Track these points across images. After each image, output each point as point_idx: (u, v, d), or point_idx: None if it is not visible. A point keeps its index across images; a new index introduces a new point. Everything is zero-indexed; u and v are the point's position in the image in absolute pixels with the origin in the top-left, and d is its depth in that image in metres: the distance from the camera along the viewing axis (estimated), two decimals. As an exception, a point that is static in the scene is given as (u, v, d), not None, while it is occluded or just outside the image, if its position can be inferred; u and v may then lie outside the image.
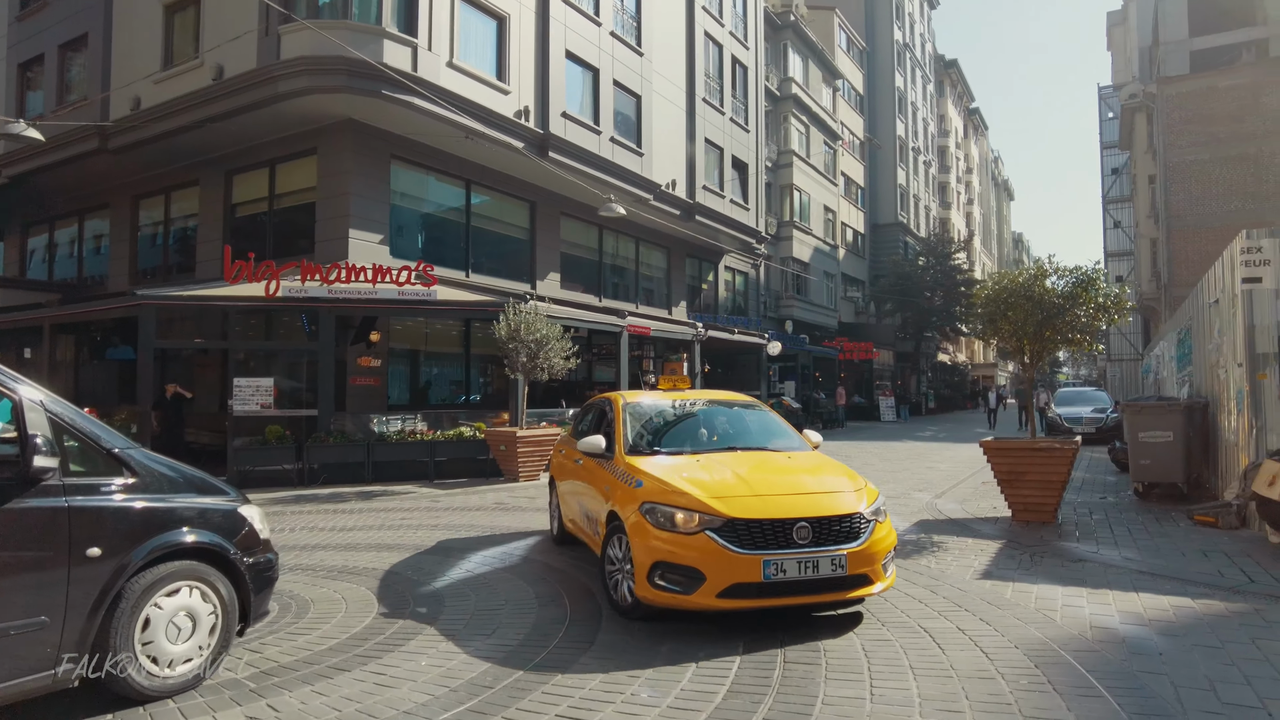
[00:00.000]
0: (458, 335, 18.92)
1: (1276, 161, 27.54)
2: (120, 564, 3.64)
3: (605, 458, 6.00)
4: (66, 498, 3.52)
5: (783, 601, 4.69)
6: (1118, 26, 45.10)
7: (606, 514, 5.46)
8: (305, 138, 15.56)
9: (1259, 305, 7.86)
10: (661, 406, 6.74)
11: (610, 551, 5.34)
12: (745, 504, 4.82)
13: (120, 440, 3.91)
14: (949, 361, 54.16)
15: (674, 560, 4.71)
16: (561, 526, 7.45)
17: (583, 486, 6.43)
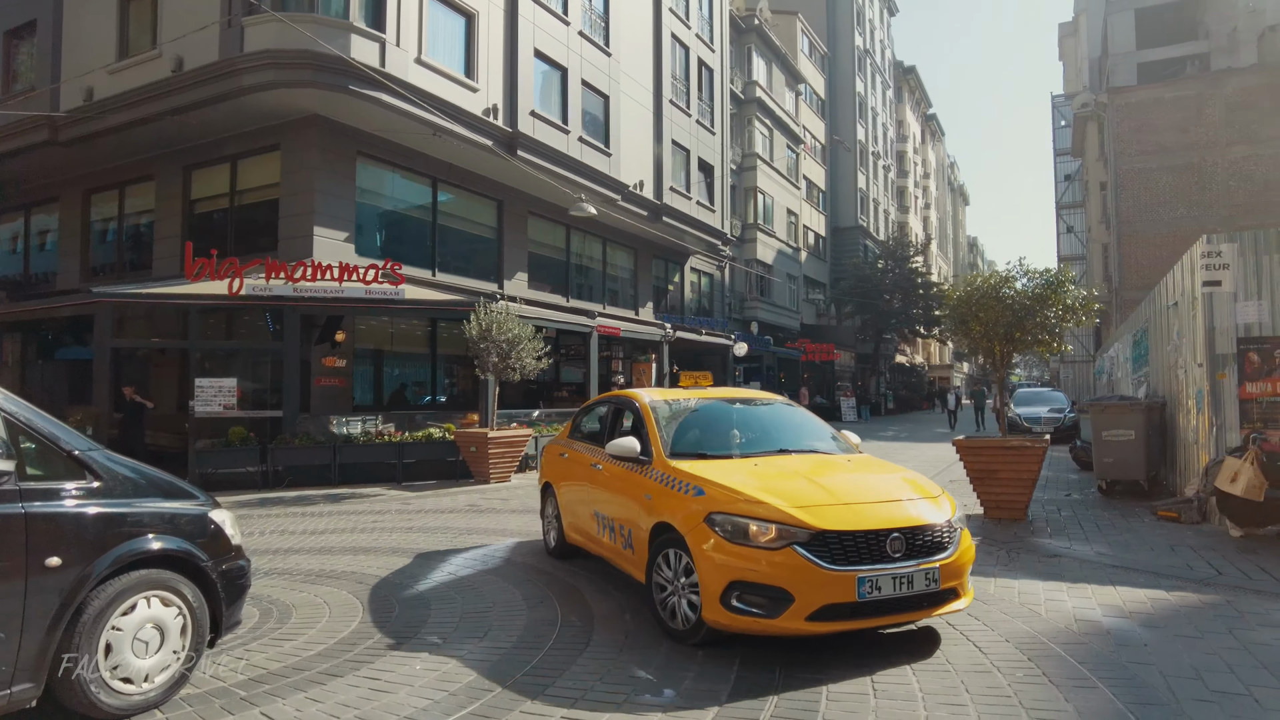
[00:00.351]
0: (423, 335, 18.67)
1: (1218, 171, 28.59)
2: (82, 574, 3.40)
3: (640, 462, 5.35)
4: (23, 504, 3.29)
5: (875, 622, 4.25)
6: (1069, 38, 46.45)
7: (652, 526, 4.88)
8: (269, 133, 15.20)
9: (1218, 307, 8.14)
10: (690, 405, 6.06)
11: (660, 568, 4.74)
12: (833, 514, 4.31)
13: (82, 442, 3.69)
14: (907, 363, 55.14)
15: (755, 579, 4.16)
16: (561, 537, 6.83)
17: (602, 494, 5.89)
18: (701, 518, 4.44)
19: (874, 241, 47.32)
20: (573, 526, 6.57)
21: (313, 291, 13.12)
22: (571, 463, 6.75)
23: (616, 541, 5.55)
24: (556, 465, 7.17)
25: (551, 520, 7.10)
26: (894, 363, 51.27)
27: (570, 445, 6.99)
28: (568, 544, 6.76)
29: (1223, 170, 28.43)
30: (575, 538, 6.57)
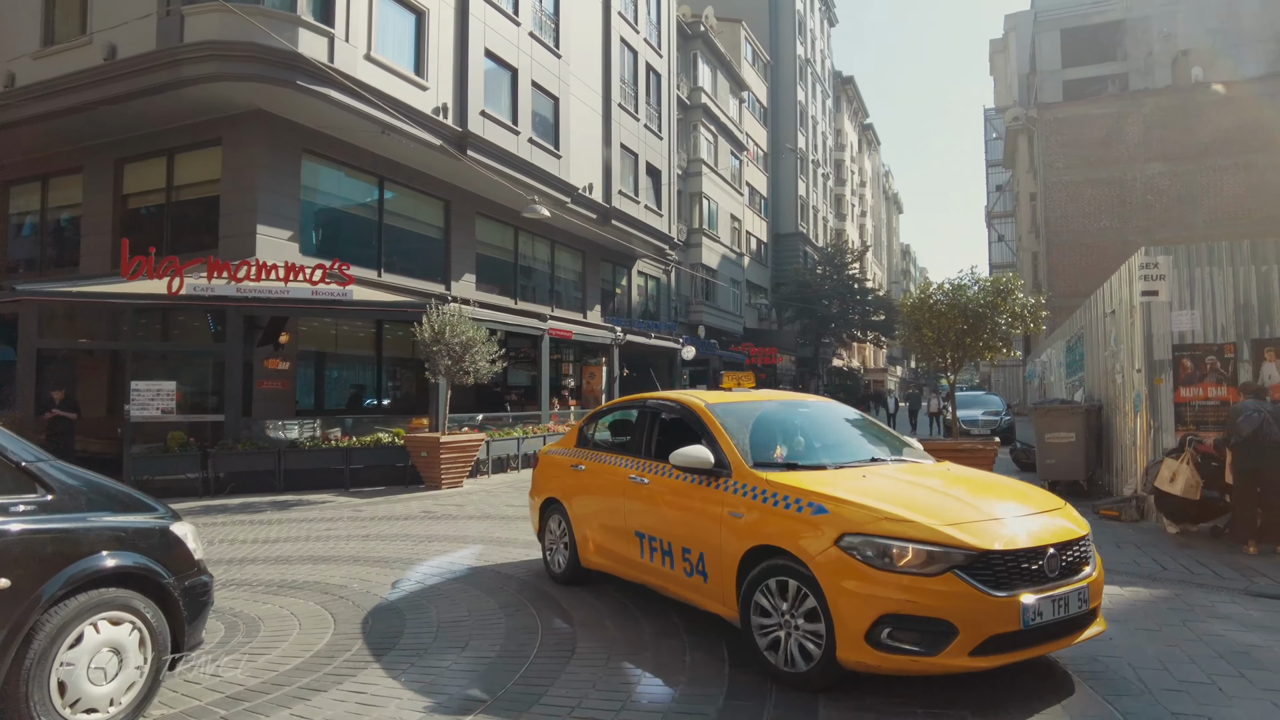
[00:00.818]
0: (367, 337, 18.25)
1: (1137, 185, 30.14)
2: (33, 597, 3.16)
3: (714, 475, 4.62)
4: None
5: (1033, 652, 3.74)
6: (999, 54, 48.34)
7: (745, 550, 4.20)
8: (209, 127, 14.64)
9: (1156, 316, 8.59)
10: (756, 409, 5.40)
11: (763, 601, 4.08)
12: (986, 531, 3.78)
13: (30, 451, 3.46)
14: (844, 366, 56.38)
15: (911, 611, 3.58)
16: (575, 560, 6.03)
17: (648, 512, 5.16)
18: (831, 540, 3.81)
19: (813, 248, 48.28)
20: (596, 548, 5.80)
21: (257, 292, 12.68)
22: (591, 476, 5.99)
23: (673, 567, 4.84)
24: (566, 479, 6.34)
25: (558, 541, 6.31)
26: (831, 366, 52.37)
27: (585, 456, 6.21)
28: (583, 568, 6.01)
29: (1141, 185, 29.97)
30: (597, 561, 5.81)
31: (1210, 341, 8.37)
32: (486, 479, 14.27)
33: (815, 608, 3.82)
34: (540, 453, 7.09)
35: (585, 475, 6.08)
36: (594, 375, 21.34)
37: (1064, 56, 38.54)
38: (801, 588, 3.91)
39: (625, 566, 5.50)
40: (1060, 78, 38.12)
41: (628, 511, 5.40)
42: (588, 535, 5.90)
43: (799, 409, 5.71)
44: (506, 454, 15.30)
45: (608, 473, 5.77)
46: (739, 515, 4.34)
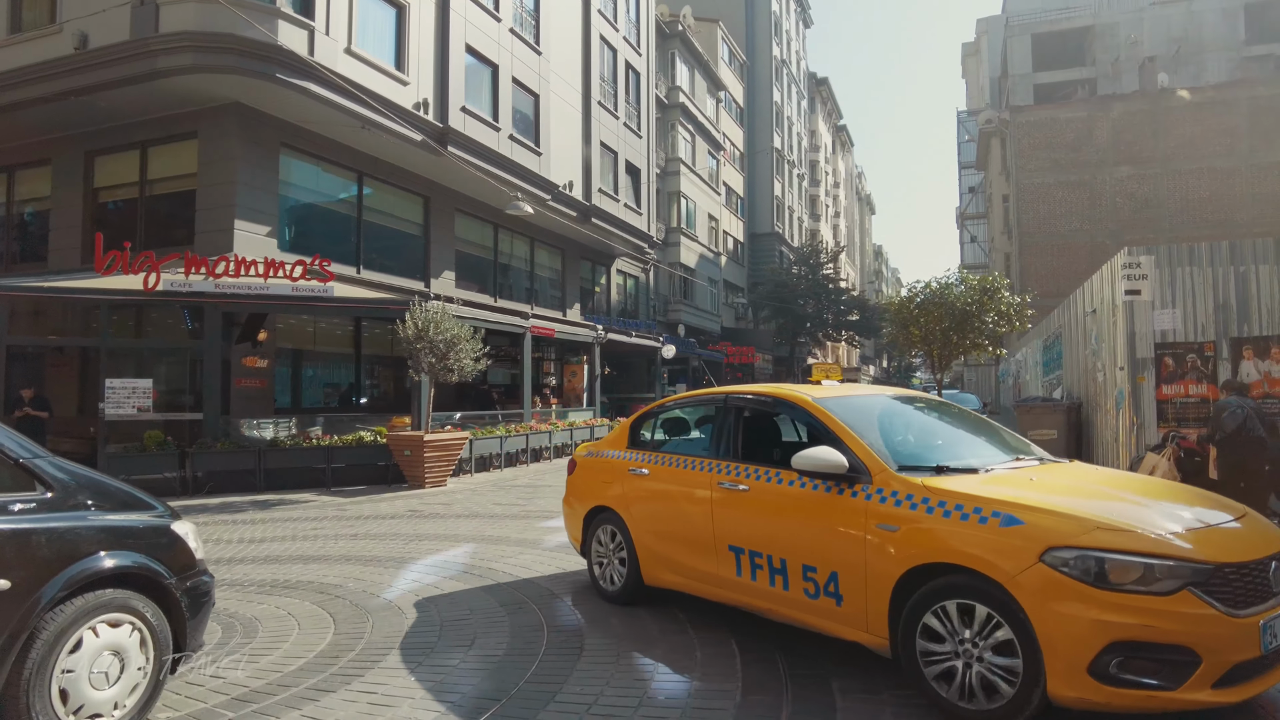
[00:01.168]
0: (344, 335, 18.03)
1: (1106, 188, 30.78)
2: (34, 599, 3.04)
3: (846, 480, 4.01)
4: None
5: (1270, 682, 3.27)
6: (971, 57, 49.07)
7: (904, 570, 3.64)
8: (184, 119, 14.34)
9: (1139, 315, 8.76)
10: (876, 405, 4.86)
11: (935, 626, 3.52)
12: (1209, 540, 3.35)
13: (27, 447, 3.35)
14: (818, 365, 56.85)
15: (1147, 638, 3.09)
16: (637, 576, 5.35)
17: (751, 522, 4.51)
18: (1034, 556, 3.27)
19: (789, 248, 48.61)
20: (667, 564, 5.12)
21: (236, 288, 12.45)
22: (658, 481, 5.30)
23: (787, 587, 4.21)
24: (621, 484, 5.58)
25: (611, 555, 5.64)
26: (806, 365, 52.76)
27: (646, 459, 5.50)
28: (646, 585, 5.34)
29: (1110, 188, 30.61)
30: (669, 579, 5.13)
31: (1191, 340, 8.56)
32: (470, 478, 14.16)
33: (1010, 637, 3.30)
34: (578, 456, 6.33)
35: (650, 480, 5.36)
36: (575, 374, 21.28)
37: (1035, 61, 39.21)
38: (992, 613, 3.36)
39: (711, 585, 4.80)
40: (1031, 81, 38.78)
41: (718, 522, 4.71)
42: (655, 548, 5.22)
43: (915, 403, 5.18)
44: (490, 453, 15.19)
45: (684, 478, 5.09)
46: (891, 528, 3.75)
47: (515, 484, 13.28)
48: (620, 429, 6.09)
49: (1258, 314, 8.43)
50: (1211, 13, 37.63)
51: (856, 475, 4.01)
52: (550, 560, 7.04)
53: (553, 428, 17.46)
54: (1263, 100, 29.59)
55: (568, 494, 6.31)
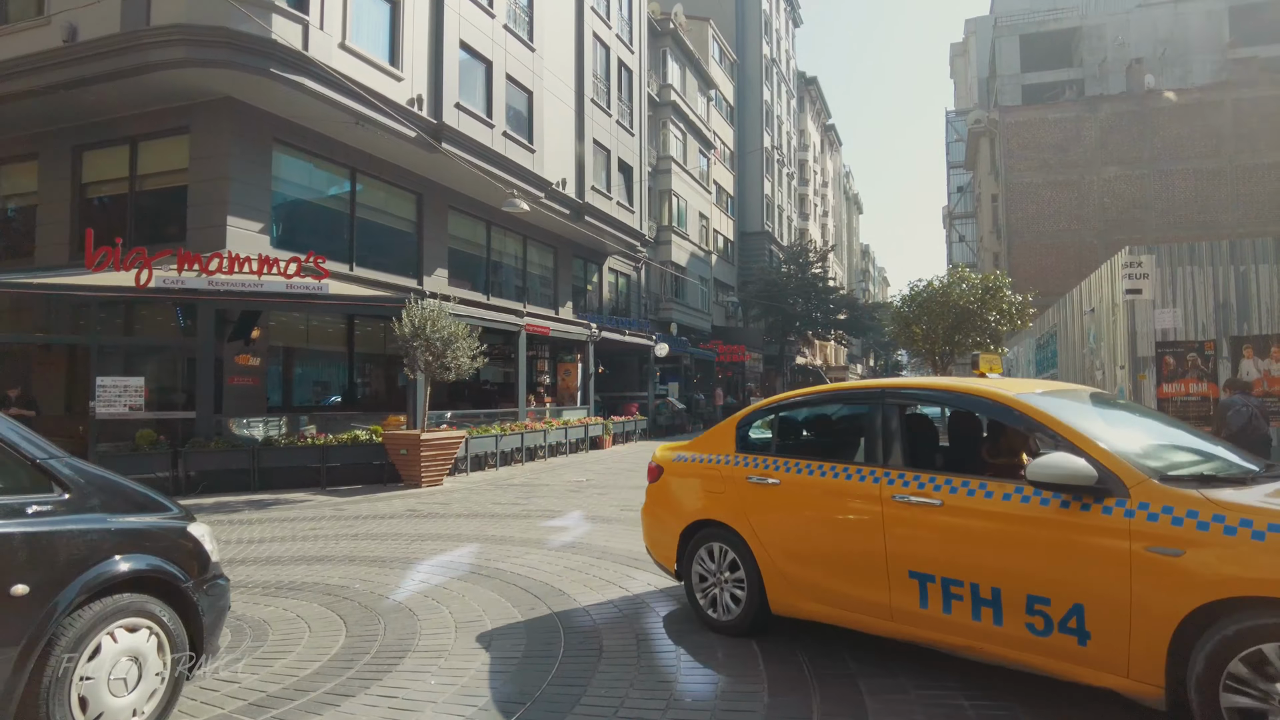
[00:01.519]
0: (336, 333, 17.89)
1: (1094, 189, 31.01)
2: (52, 603, 2.95)
3: (1094, 494, 3.34)
4: None
5: None
6: (959, 57, 49.34)
7: (1195, 604, 3.01)
8: (175, 114, 14.15)
9: (1140, 314, 8.80)
10: (1085, 403, 4.19)
11: (1247, 674, 2.90)
12: None
13: (44, 447, 3.25)
14: (807, 364, 57.02)
15: None
16: (760, 601, 4.60)
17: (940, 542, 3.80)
18: None
19: (778, 247, 48.70)
20: (810, 591, 4.38)
21: (230, 285, 12.29)
22: (794, 492, 4.53)
23: (1000, 621, 3.56)
24: (737, 495, 4.83)
25: (723, 580, 4.84)
26: (794, 364, 52.92)
27: (771, 465, 4.74)
28: (774, 614, 4.63)
29: (1097, 188, 30.84)
30: (812, 608, 4.40)
31: (1191, 339, 8.62)
32: (466, 477, 14.06)
33: None
34: (663, 460, 5.55)
35: (782, 491, 4.58)
36: (569, 372, 21.20)
37: (1023, 61, 39.46)
38: None
39: (879, 618, 4.05)
40: (1019, 82, 39.02)
41: (893, 542, 3.97)
42: (791, 572, 4.46)
43: (1117, 402, 4.53)
44: (485, 451, 15.10)
45: (836, 489, 4.30)
46: (1173, 552, 3.09)
47: (512, 483, 13.20)
48: (721, 430, 5.34)
49: (1258, 313, 8.50)
50: (1197, 15, 38.00)
51: (1107, 488, 3.35)
52: (557, 560, 6.99)
53: (547, 426, 17.38)
54: (1247, 102, 29.90)
55: (651, 504, 5.56)
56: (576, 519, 9.35)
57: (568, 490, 12.10)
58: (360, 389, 18.52)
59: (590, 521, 9.13)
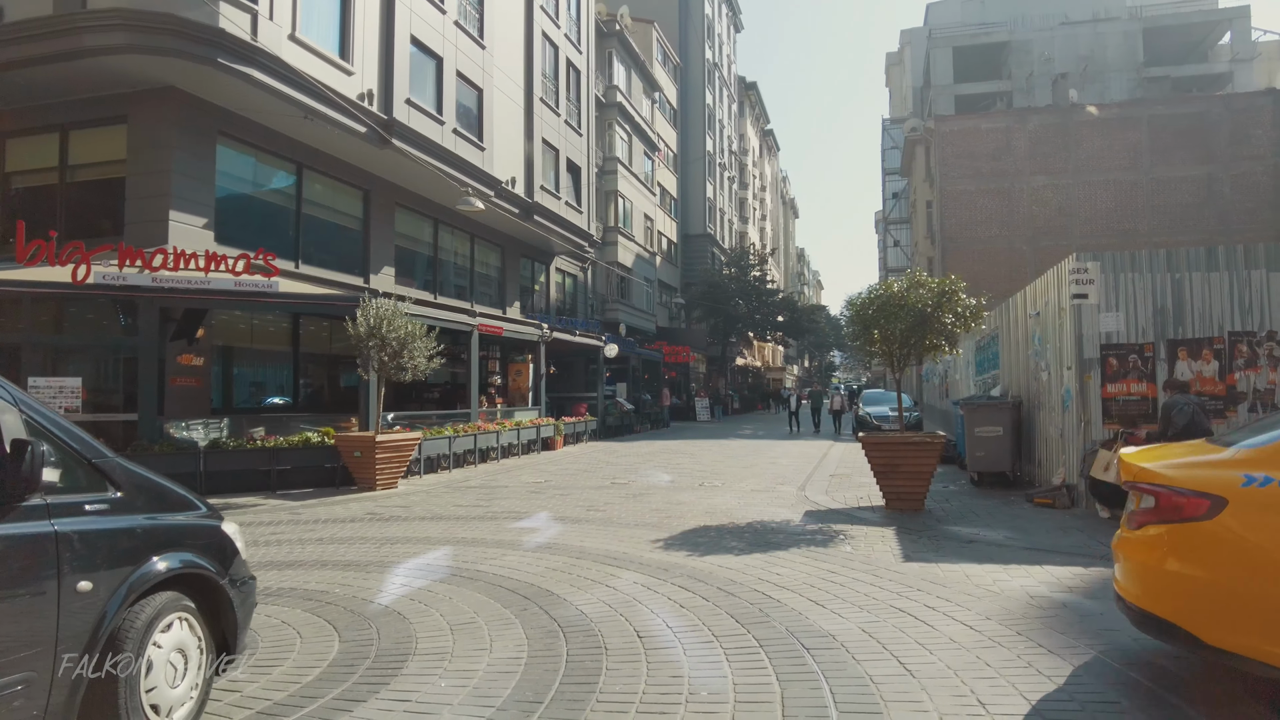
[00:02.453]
0: (279, 331, 17.35)
1: (1024, 197, 32.37)
2: (112, 598, 3.00)
3: None
4: (52, 521, 2.83)
5: None
6: (895, 66, 50.80)
7: None
8: (112, 102, 13.54)
9: (1086, 317, 9.27)
10: None
11: None
12: None
13: (97, 447, 3.24)
14: (748, 365, 57.85)
15: None
16: None
17: None
18: None
19: (720, 249, 49.28)
20: None
21: (175, 282, 11.84)
22: None
23: None
24: None
25: None
26: (734, 365, 53.65)
27: None
28: None
29: (1027, 196, 32.21)
30: None
31: (1132, 341, 9.12)
32: (419, 479, 13.84)
33: None
34: (1222, 486, 3.46)
35: None
36: (520, 373, 21.05)
37: (956, 72, 40.92)
38: None
39: None
40: (952, 92, 40.44)
41: None
42: None
43: None
44: (438, 453, 14.88)
45: None
46: None
47: (469, 485, 13.05)
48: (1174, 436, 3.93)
49: (1191, 318, 9.05)
50: (1114, 35, 40.09)
51: None
52: (536, 561, 6.97)
53: (500, 428, 17.23)
54: (1161, 119, 31.69)
55: (1202, 561, 3.44)
56: (544, 520, 9.32)
57: (528, 492, 12.04)
58: (306, 389, 18.01)
59: (559, 522, 9.12)
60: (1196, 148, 31.03)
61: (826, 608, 5.28)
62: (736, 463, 16.25)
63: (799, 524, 8.78)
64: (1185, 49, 42.32)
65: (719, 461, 16.48)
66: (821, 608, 5.28)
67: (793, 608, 5.29)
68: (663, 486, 12.34)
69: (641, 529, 8.51)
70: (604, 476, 13.92)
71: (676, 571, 6.41)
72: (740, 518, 9.20)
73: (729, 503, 10.46)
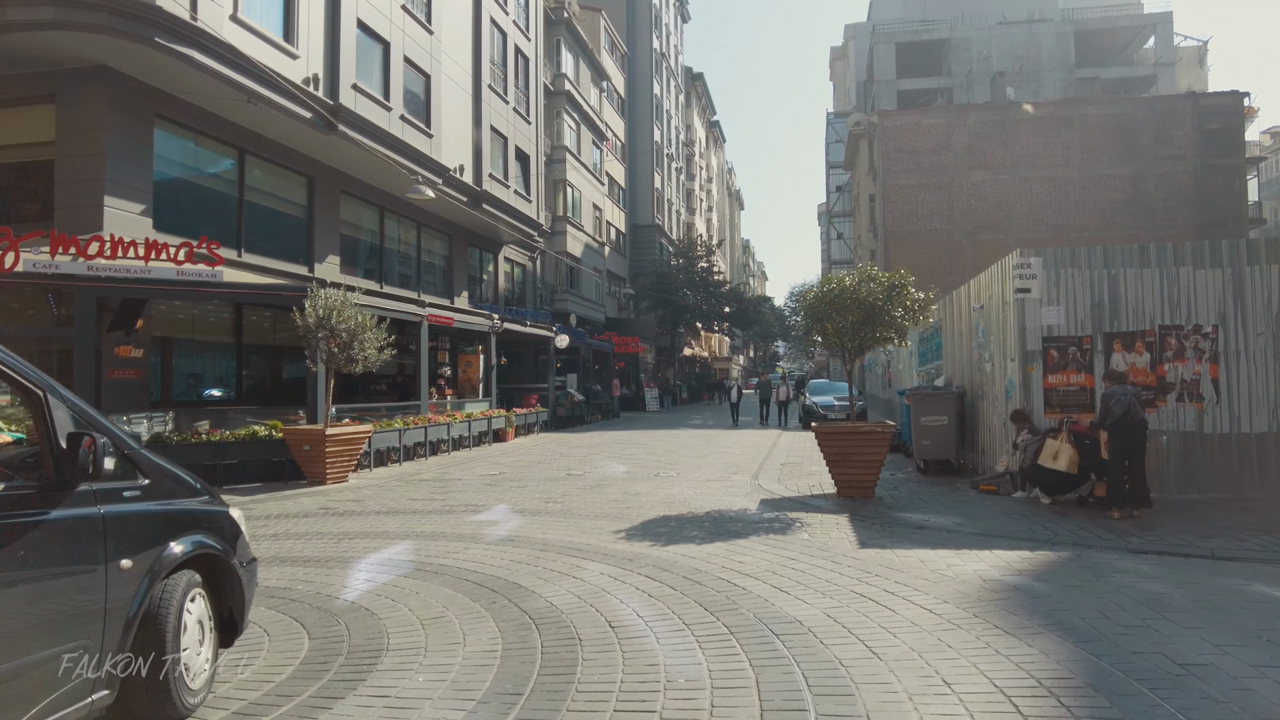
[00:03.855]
0: (220, 322, 16.82)
1: (963, 191, 33.31)
2: (148, 575, 3.33)
3: None
4: (100, 506, 3.15)
5: None
6: (839, 61, 51.62)
7: None
8: (36, 80, 12.89)
9: (1029, 311, 9.65)
10: None
11: None
12: None
13: (125, 439, 3.50)
14: (694, 355, 58.31)
15: None
16: None
17: None
18: None
19: (668, 240, 49.48)
20: None
21: (113, 271, 11.40)
22: None
23: None
24: None
25: None
26: (681, 355, 54.02)
27: None
28: None
29: (966, 191, 33.16)
30: None
31: (1072, 334, 9.54)
32: (370, 473, 13.63)
33: None
34: None
35: None
36: (470, 364, 20.83)
37: (898, 68, 41.78)
38: None
39: None
40: (895, 87, 41.30)
41: None
42: None
43: None
44: (387, 446, 14.68)
45: None
46: None
47: (421, 479, 12.91)
48: None
49: (1125, 311, 9.51)
50: (1048, 35, 41.47)
51: None
52: (500, 554, 6.97)
53: (451, 420, 17.06)
54: (1091, 119, 32.95)
55: None
56: (503, 512, 9.31)
57: (483, 484, 11.98)
58: (248, 382, 17.51)
59: (518, 515, 9.12)
60: (1124, 147, 32.37)
61: (791, 594, 5.43)
62: (689, 452, 16.43)
63: (756, 512, 8.96)
64: (1113, 51, 44.04)
65: (672, 452, 16.63)
66: (786, 594, 5.43)
67: (758, 595, 5.43)
68: (619, 477, 12.42)
69: (602, 520, 8.57)
70: (559, 468, 13.93)
71: (641, 561, 6.50)
72: (698, 507, 9.34)
73: (686, 493, 10.59)
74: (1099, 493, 8.48)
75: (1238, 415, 9.28)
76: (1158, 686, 3.70)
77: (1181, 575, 5.81)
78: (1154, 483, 8.55)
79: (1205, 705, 3.49)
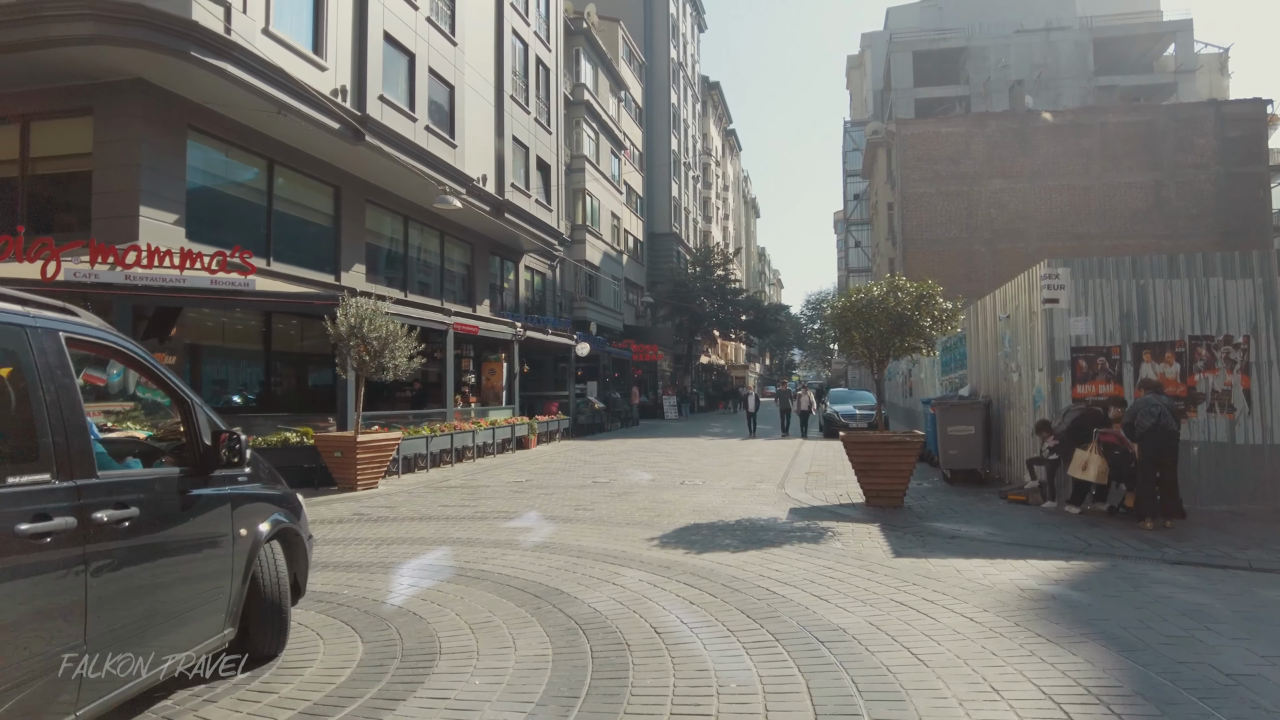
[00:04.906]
0: (248, 330, 17.07)
1: (982, 199, 33.24)
2: (256, 543, 4.23)
3: None
4: (226, 487, 4.03)
5: None
6: (855, 69, 51.68)
7: None
8: (75, 93, 13.20)
9: (1057, 321, 9.67)
10: None
11: None
12: None
13: (240, 436, 4.15)
14: (711, 363, 58.33)
15: None
16: None
17: None
18: None
19: (685, 248, 49.62)
20: None
21: (149, 280, 11.64)
22: None
23: None
24: None
25: None
26: (698, 363, 54.05)
27: None
28: None
29: (985, 199, 33.09)
30: None
31: (1100, 344, 9.55)
32: (398, 479, 13.78)
33: None
34: None
35: None
36: (494, 371, 21.00)
37: (915, 76, 41.79)
38: None
39: None
40: (912, 96, 41.30)
41: None
42: None
43: None
44: (415, 453, 14.82)
45: None
46: None
47: (449, 485, 13.05)
48: None
49: (1154, 322, 9.51)
50: (1066, 44, 41.37)
51: None
52: (538, 560, 7.07)
53: (476, 427, 17.21)
54: (1111, 127, 32.83)
55: None
56: (535, 519, 9.41)
57: (511, 491, 12.09)
58: (276, 388, 17.75)
59: (551, 522, 9.21)
60: (1145, 155, 32.22)
61: (831, 602, 5.49)
62: (712, 460, 16.49)
63: (786, 521, 9.01)
64: (1132, 59, 43.86)
65: (695, 460, 16.70)
66: (826, 602, 5.49)
67: (798, 602, 5.49)
68: (645, 485, 12.50)
69: (634, 527, 8.65)
70: (584, 475, 14.03)
71: (678, 569, 6.58)
72: (728, 515, 9.40)
73: (714, 501, 10.66)
74: (1129, 503, 8.48)
75: (1270, 426, 9.25)
76: (1208, 696, 3.74)
77: (1220, 586, 5.83)
78: (1186, 494, 8.53)
79: (1258, 715, 3.53)
